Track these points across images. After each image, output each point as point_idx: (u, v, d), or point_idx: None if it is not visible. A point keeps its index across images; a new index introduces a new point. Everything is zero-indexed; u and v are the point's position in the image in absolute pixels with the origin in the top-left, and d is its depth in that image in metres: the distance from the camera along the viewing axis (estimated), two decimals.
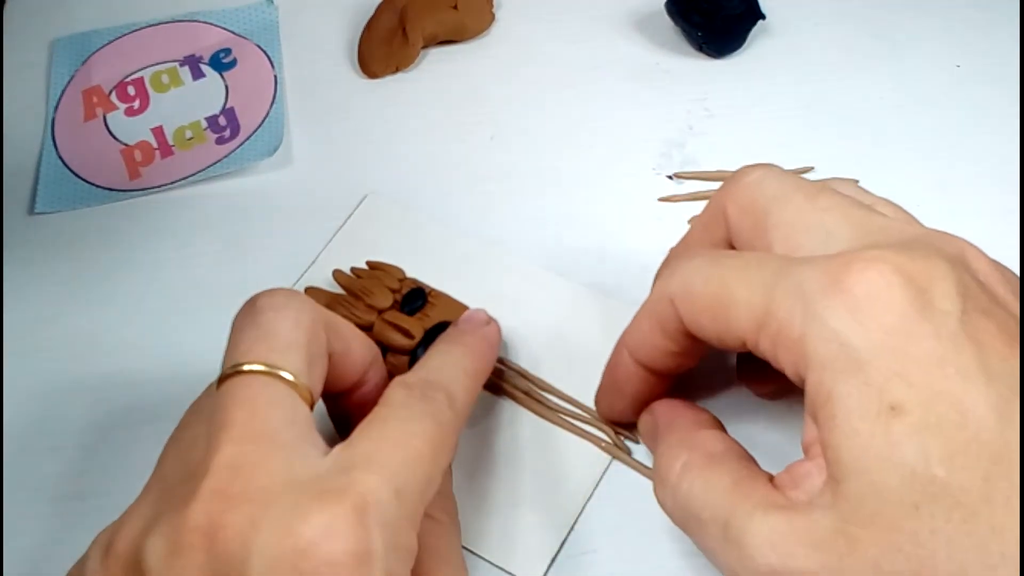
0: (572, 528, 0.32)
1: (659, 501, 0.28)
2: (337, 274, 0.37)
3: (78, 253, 0.39)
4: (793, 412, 0.31)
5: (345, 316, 0.35)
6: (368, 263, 0.37)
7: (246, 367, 0.26)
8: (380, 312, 0.35)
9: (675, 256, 0.32)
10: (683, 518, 0.26)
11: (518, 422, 0.34)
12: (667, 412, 0.30)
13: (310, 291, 0.36)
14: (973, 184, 0.39)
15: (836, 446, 0.23)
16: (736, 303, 0.25)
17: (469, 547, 0.31)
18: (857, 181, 0.37)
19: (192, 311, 0.37)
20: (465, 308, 0.35)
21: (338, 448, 0.25)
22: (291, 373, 0.26)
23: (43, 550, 0.32)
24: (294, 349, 0.26)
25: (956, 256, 0.24)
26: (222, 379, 0.26)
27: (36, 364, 0.36)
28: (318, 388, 0.27)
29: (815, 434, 0.23)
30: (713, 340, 0.27)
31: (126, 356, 0.36)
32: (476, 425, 0.34)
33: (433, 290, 0.36)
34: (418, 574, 0.27)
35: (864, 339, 0.23)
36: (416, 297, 0.35)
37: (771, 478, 0.25)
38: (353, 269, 0.37)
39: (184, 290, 0.38)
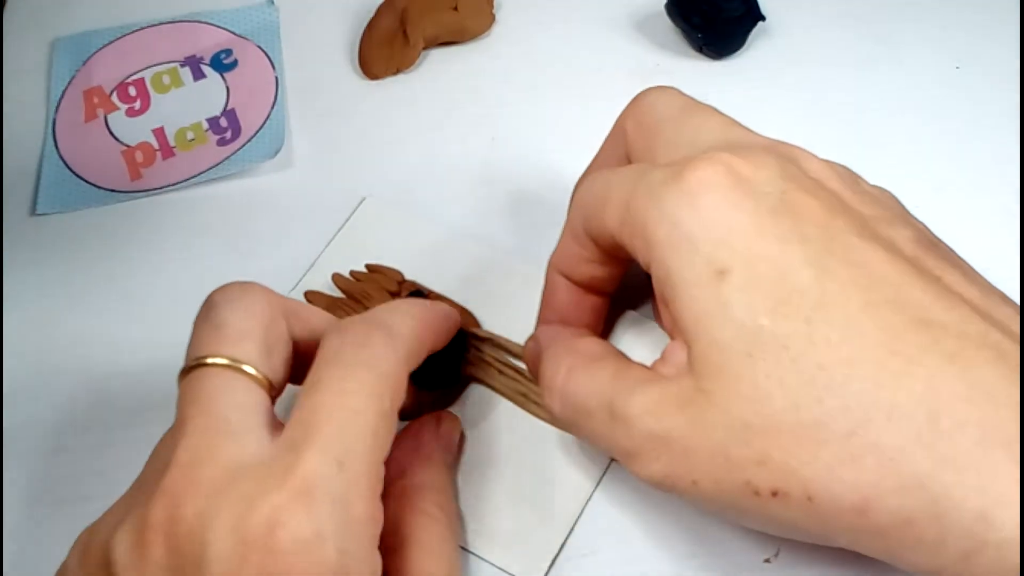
0: (572, 529, 0.32)
1: (547, 407, 0.29)
2: (336, 277, 0.37)
3: (80, 254, 0.39)
4: None
5: None
6: (367, 266, 0.37)
7: (203, 361, 0.26)
8: None
9: (589, 170, 0.34)
10: (572, 416, 0.28)
11: (517, 424, 0.34)
12: (549, 332, 0.31)
13: (309, 295, 0.36)
14: (973, 186, 0.39)
15: (679, 316, 0.25)
16: (611, 200, 0.28)
17: (469, 548, 0.31)
18: None
19: (193, 313, 0.36)
20: (465, 311, 0.36)
21: (287, 424, 0.25)
22: (244, 362, 0.26)
23: (48, 554, 0.32)
24: (247, 338, 0.26)
25: (786, 154, 0.27)
26: (180, 377, 0.27)
27: (38, 366, 0.36)
28: (280, 374, 0.27)
29: (668, 315, 0.26)
30: (598, 239, 0.29)
31: (128, 358, 0.36)
32: (476, 427, 0.34)
33: (432, 293, 0.36)
34: (404, 567, 0.27)
35: (693, 217, 0.25)
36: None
37: (646, 366, 0.27)
38: (352, 272, 0.37)
39: (185, 292, 0.37)
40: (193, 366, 0.26)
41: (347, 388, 0.26)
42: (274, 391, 0.27)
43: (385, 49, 0.43)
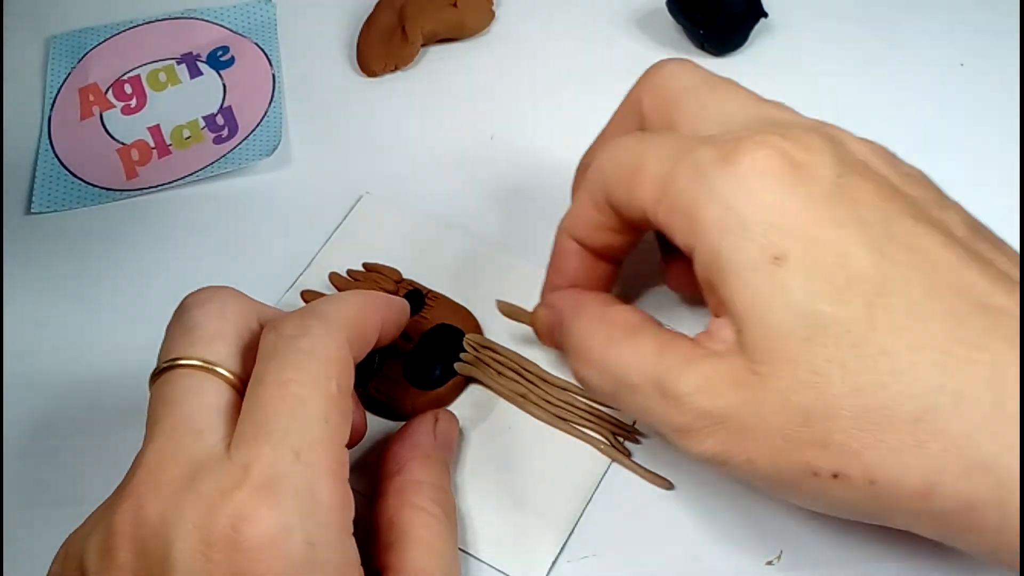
0: (572, 532, 0.32)
1: (581, 378, 0.29)
2: (333, 277, 0.36)
3: (75, 253, 0.39)
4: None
5: None
6: (365, 265, 0.37)
7: (174, 363, 0.26)
8: None
9: (600, 141, 0.33)
10: (613, 389, 0.28)
11: (517, 425, 0.33)
12: (571, 299, 0.31)
13: (306, 295, 0.36)
14: (974, 183, 0.38)
15: (730, 299, 0.25)
16: (645, 173, 0.27)
17: (469, 551, 0.31)
18: None
19: None
20: (464, 310, 0.35)
21: (238, 421, 0.25)
22: (215, 363, 0.26)
23: (43, 556, 0.32)
24: (219, 339, 0.27)
25: (832, 135, 0.27)
26: (152, 380, 0.27)
27: (32, 365, 0.36)
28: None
29: (715, 297, 0.26)
30: (623, 210, 0.28)
31: (122, 357, 0.36)
32: (475, 428, 0.33)
33: (431, 291, 0.36)
34: (401, 563, 0.27)
35: (747, 201, 0.25)
36: (414, 299, 0.35)
37: (690, 339, 0.27)
38: (350, 271, 0.36)
39: (181, 291, 0.36)
40: (165, 368, 0.26)
41: (288, 378, 0.25)
42: (243, 390, 0.27)
43: (383, 46, 0.42)
